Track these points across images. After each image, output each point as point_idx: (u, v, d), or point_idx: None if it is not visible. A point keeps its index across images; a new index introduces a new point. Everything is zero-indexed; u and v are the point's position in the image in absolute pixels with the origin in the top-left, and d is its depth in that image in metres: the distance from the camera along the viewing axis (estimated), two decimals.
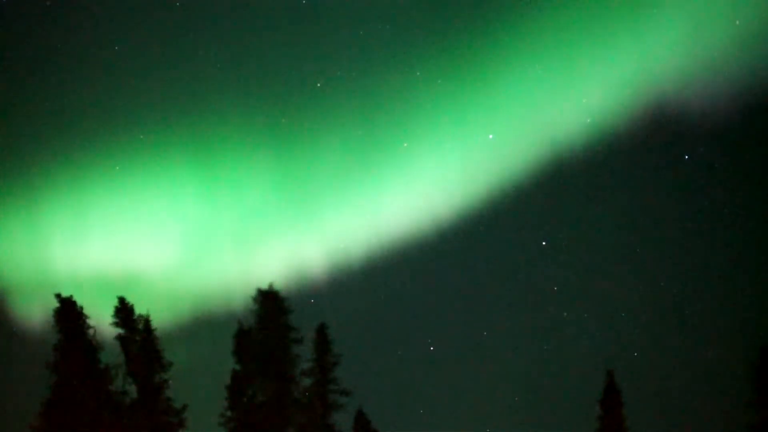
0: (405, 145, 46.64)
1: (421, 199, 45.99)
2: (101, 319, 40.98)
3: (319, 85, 47.34)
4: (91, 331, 40.74)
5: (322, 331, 43.02)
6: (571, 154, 44.48)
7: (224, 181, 47.59)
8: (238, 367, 41.78)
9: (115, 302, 41.11)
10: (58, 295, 40.69)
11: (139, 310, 41.25)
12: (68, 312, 40.50)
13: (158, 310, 42.11)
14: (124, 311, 41.45)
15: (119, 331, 41.10)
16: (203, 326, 44.39)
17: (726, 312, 41.97)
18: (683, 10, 44.49)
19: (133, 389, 41.08)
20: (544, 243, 44.91)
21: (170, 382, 41.41)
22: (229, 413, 41.66)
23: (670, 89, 43.52)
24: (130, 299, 41.35)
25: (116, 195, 47.14)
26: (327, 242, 45.84)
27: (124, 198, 47.13)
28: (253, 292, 42.26)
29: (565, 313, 43.39)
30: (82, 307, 40.67)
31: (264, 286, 42.46)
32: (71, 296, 40.75)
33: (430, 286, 45.54)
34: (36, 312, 44.92)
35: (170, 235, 47.02)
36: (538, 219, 45.07)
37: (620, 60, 45.15)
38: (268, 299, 42.89)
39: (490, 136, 45.96)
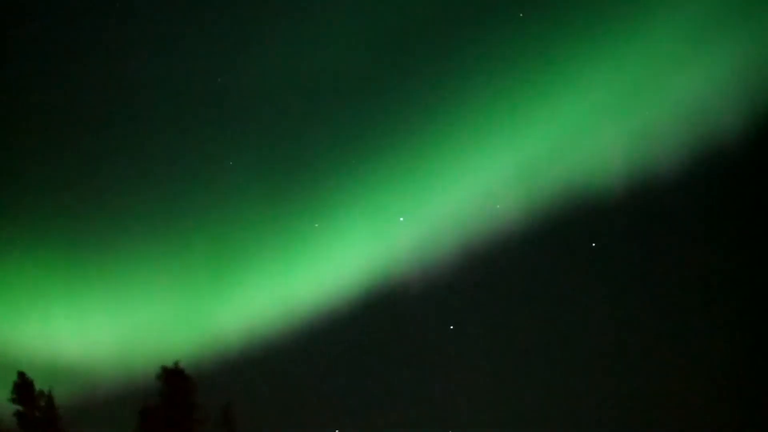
0: (316, 225, 46.88)
1: (331, 281, 46.15)
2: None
3: (231, 163, 47.56)
4: None
5: (227, 409, 42.68)
6: (481, 240, 45.20)
7: (130, 259, 47.14)
8: None
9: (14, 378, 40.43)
10: None
11: (41, 386, 40.68)
12: None
13: (61, 386, 41.62)
14: (23, 387, 40.53)
15: (18, 407, 40.29)
16: (108, 403, 43.43)
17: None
18: None
19: None
20: (451, 327, 45.35)
21: None
22: None
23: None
24: (32, 375, 40.63)
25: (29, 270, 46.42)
26: (236, 321, 45.64)
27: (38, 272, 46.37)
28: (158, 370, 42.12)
29: (470, 401, 43.73)
30: None
31: (169, 363, 42.29)
32: None
33: (338, 368, 45.48)
34: None
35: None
36: (447, 303, 45.49)
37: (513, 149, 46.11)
38: (173, 377, 42.45)
39: (401, 219, 46.56)
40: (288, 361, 44.92)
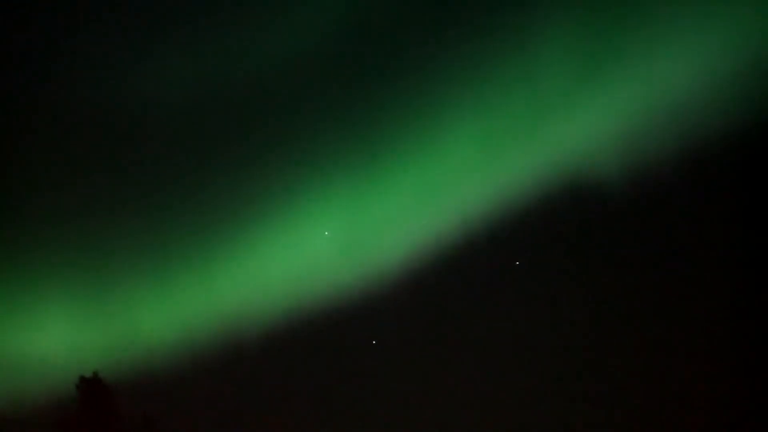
0: (242, 237, 46.38)
1: (257, 294, 45.67)
2: None
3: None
4: None
5: (149, 421, 41.70)
6: (404, 264, 45.25)
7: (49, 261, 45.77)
8: None
9: None
10: None
11: None
12: None
13: None
14: None
15: None
16: (21, 414, 41.94)
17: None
18: None
19: None
20: (374, 342, 45.25)
21: None
22: None
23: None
24: None
25: None
26: (158, 330, 44.70)
27: None
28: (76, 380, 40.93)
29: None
30: None
31: (88, 373, 41.23)
32: None
33: (259, 386, 44.93)
34: None
35: None
36: (372, 319, 45.37)
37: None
38: (92, 387, 41.31)
39: (327, 233, 46.37)
40: (211, 372, 44.17)
